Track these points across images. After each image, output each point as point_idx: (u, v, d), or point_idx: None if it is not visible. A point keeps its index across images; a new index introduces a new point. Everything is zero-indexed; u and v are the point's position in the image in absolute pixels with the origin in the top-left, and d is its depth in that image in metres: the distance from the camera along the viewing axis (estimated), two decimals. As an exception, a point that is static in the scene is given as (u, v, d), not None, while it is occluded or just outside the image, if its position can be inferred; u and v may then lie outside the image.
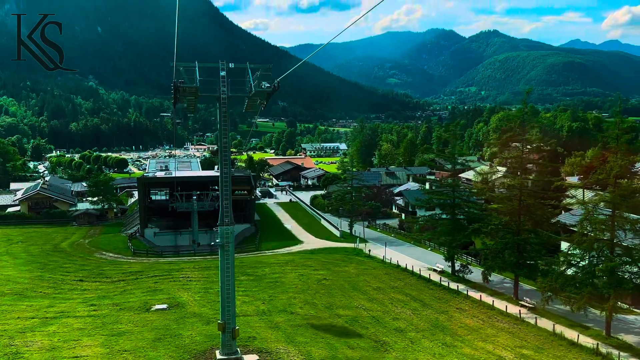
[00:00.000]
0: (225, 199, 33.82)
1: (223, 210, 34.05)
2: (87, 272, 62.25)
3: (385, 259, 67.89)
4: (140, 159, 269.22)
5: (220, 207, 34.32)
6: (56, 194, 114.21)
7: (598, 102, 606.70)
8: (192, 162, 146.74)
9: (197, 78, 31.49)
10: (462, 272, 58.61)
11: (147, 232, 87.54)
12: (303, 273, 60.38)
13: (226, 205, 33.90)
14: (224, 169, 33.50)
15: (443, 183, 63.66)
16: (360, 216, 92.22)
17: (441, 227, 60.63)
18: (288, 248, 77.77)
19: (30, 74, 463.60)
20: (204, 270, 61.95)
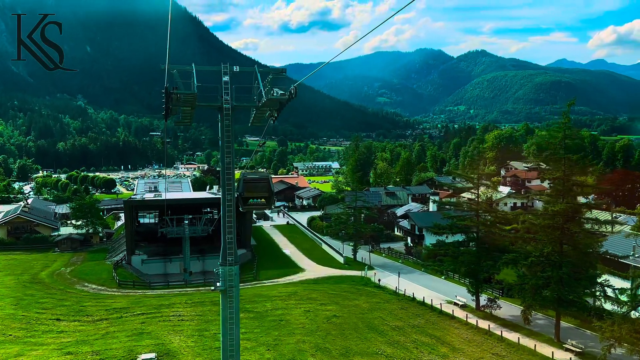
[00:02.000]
0: (227, 231, 27.33)
1: (225, 245, 27.52)
2: (65, 309, 55.17)
3: (398, 290, 61.42)
4: (128, 179, 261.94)
5: (222, 241, 27.79)
6: (38, 218, 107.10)
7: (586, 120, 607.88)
8: (183, 183, 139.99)
9: (194, 83, 25.10)
10: (489, 308, 52.19)
11: (134, 259, 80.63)
12: (309, 309, 53.71)
13: (229, 240, 27.37)
14: (226, 194, 27.07)
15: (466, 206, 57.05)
16: (362, 240, 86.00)
17: (464, 256, 54.22)
18: (289, 277, 71.21)
19: (18, 93, 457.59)
20: (198, 306, 55.09)
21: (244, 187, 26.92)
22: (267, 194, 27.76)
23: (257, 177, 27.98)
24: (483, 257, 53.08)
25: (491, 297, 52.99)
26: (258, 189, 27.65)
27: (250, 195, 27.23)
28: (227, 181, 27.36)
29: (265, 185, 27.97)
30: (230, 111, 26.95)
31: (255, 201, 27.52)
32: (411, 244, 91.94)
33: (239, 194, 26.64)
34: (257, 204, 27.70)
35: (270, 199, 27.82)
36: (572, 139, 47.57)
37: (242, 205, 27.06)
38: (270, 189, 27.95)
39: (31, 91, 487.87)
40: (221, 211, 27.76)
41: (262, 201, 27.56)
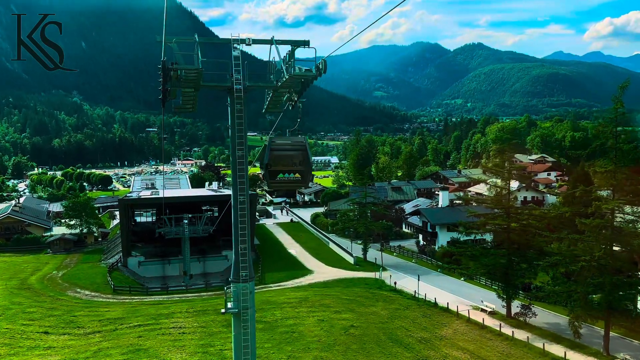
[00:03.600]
0: (241, 240, 22.43)
1: (238, 257, 22.61)
2: (55, 320, 50.07)
3: (417, 295, 56.52)
4: (125, 175, 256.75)
5: (235, 253, 22.91)
6: (29, 217, 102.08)
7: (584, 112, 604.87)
8: (181, 179, 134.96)
9: (198, 58, 19.97)
10: (523, 315, 47.29)
11: (130, 261, 75.72)
12: (323, 317, 48.76)
13: (243, 250, 22.47)
14: (239, 194, 22.14)
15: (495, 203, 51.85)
16: (371, 237, 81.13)
17: (492, 258, 49.25)
18: (297, 280, 66.32)
19: (13, 90, 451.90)
20: (200, 316, 50.07)
21: (271, 156, 20.76)
22: (303, 166, 20.95)
23: (289, 143, 21.37)
24: (516, 259, 48.19)
25: (525, 304, 48.05)
26: (290, 159, 21.02)
27: (279, 167, 20.85)
28: (240, 179, 22.36)
29: (301, 154, 21.06)
30: (243, 93, 21.94)
31: (287, 177, 20.94)
32: (424, 242, 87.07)
33: (265, 166, 20.66)
34: (288, 181, 21.07)
35: (308, 173, 21.14)
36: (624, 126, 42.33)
37: (268, 182, 21.30)
38: (307, 160, 21.17)
39: (26, 88, 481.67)
40: (232, 216, 22.87)
41: (296, 177, 20.92)
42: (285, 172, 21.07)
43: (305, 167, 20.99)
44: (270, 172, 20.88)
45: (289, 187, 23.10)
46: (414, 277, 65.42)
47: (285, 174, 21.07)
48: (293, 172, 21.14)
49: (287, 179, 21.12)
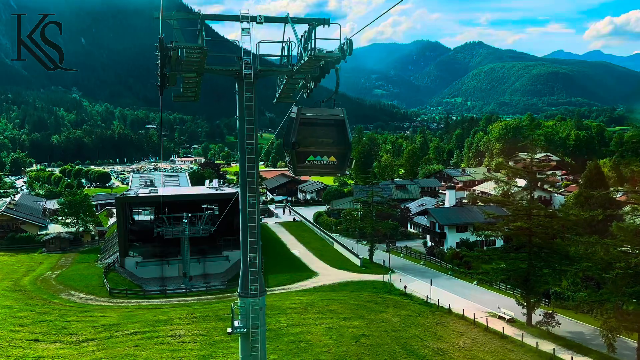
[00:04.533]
0: (250, 249, 19.51)
1: (247, 268, 19.69)
2: (46, 326, 47.03)
3: (429, 300, 53.61)
4: (124, 172, 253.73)
5: (243, 263, 20.02)
6: (24, 215, 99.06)
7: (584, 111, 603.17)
8: (181, 177, 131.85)
9: (202, 36, 16.88)
10: (545, 325, 44.34)
11: (127, 261, 72.79)
12: (332, 325, 45.80)
13: (253, 259, 19.57)
14: (248, 196, 19.22)
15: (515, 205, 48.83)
16: (376, 238, 78.18)
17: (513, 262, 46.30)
18: (302, 283, 63.40)
19: (12, 86, 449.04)
20: (200, 322, 47.08)
21: (300, 132, 16.23)
22: (340, 146, 16.36)
23: (322, 116, 16.72)
24: (538, 264, 45.27)
25: (548, 312, 45.05)
26: (325, 136, 16.46)
27: (310, 147, 16.24)
28: (249, 178, 19.43)
29: (339, 130, 16.57)
30: (253, 79, 18.94)
31: (319, 160, 16.23)
32: (432, 243, 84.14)
33: (292, 145, 16.16)
34: (321, 165, 16.36)
35: (346, 156, 16.57)
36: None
37: (294, 166, 16.60)
38: (346, 138, 16.59)
39: (25, 84, 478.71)
40: (240, 221, 19.94)
41: (331, 160, 16.25)
42: (317, 154, 16.54)
43: (343, 148, 16.61)
44: (297, 153, 16.39)
45: (321, 172, 17.13)
46: (423, 280, 62.87)
47: (317, 156, 16.53)
48: (327, 154, 16.57)
49: (319, 162, 16.57)
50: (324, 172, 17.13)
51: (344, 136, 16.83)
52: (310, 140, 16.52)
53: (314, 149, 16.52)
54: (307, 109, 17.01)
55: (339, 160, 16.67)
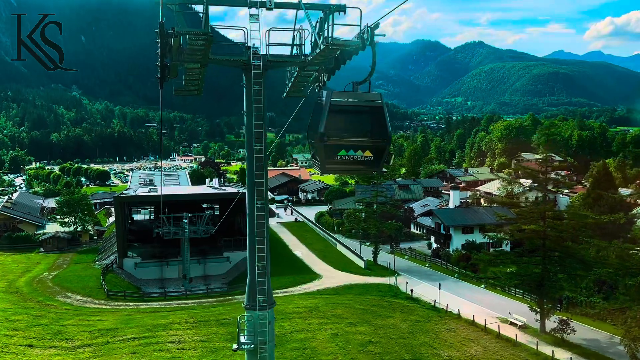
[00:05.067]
0: (259, 256, 17.85)
1: (254, 277, 18.03)
2: (41, 330, 45.34)
3: (437, 305, 51.93)
4: (123, 170, 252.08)
5: (250, 272, 18.41)
6: (21, 214, 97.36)
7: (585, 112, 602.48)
8: (180, 176, 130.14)
9: (206, 20, 15.13)
10: (560, 332, 42.62)
11: (126, 262, 71.16)
12: (337, 331, 44.12)
13: (261, 268, 17.91)
14: (256, 200, 17.58)
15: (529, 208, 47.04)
16: (380, 239, 76.46)
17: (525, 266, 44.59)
18: (305, 286, 61.69)
19: (12, 84, 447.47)
20: (201, 327, 45.36)
21: (330, 120, 13.60)
22: (379, 138, 13.89)
23: (357, 102, 14.20)
24: (553, 269, 43.59)
25: (563, 318, 43.32)
26: (359, 126, 14.09)
27: (341, 141, 13.63)
28: (258, 179, 17.73)
29: (376, 118, 14.10)
30: (262, 69, 17.24)
31: (352, 155, 13.66)
32: (437, 245, 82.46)
33: (320, 136, 13.48)
34: (354, 161, 13.79)
35: (385, 149, 14.01)
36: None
37: (322, 162, 13.95)
38: (385, 128, 13.99)
39: (25, 82, 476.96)
40: (248, 227, 18.28)
41: (367, 155, 13.73)
42: (350, 148, 13.87)
43: (381, 140, 13.97)
44: (326, 146, 13.69)
45: (353, 170, 14.47)
46: (429, 283, 61.29)
47: (350, 150, 13.87)
48: (362, 148, 13.93)
49: (351, 158, 13.85)
50: (356, 169, 14.51)
51: (383, 126, 14.26)
52: (342, 131, 13.97)
53: (346, 141, 13.94)
54: (338, 93, 14.45)
55: (376, 155, 14.16)
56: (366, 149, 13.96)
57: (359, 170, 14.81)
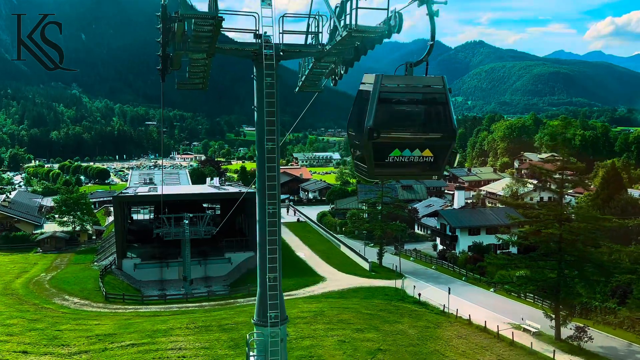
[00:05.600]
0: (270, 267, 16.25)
1: (265, 289, 16.42)
2: (36, 336, 43.61)
3: (446, 310, 50.23)
4: (123, 169, 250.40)
5: (260, 284, 16.80)
6: (19, 213, 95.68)
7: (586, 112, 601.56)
8: (181, 174, 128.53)
9: (215, 3, 13.39)
10: (577, 340, 40.92)
11: (125, 263, 69.59)
12: (344, 337, 42.41)
13: (273, 280, 16.30)
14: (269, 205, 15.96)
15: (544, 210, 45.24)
16: (385, 240, 74.79)
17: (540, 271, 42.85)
18: (309, 289, 60.02)
19: (12, 81, 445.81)
20: (203, 333, 43.62)
21: (379, 111, 10.98)
22: (443, 133, 11.30)
23: (412, 89, 11.70)
24: (570, 274, 41.89)
25: (579, 325, 41.61)
26: (417, 119, 11.50)
27: (394, 137, 10.98)
28: (270, 182, 16.05)
29: (439, 108, 11.62)
30: (275, 60, 15.56)
31: (407, 155, 10.93)
32: (442, 246, 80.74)
33: (368, 132, 10.81)
34: (409, 163, 11.05)
35: (449, 147, 11.38)
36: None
37: (369, 166, 11.14)
38: (450, 121, 11.36)
39: (25, 79, 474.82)
40: (258, 233, 16.64)
41: (426, 156, 11.05)
42: (405, 146, 11.05)
43: (445, 136, 11.33)
44: (375, 145, 10.92)
45: (409, 175, 11.92)
46: (436, 286, 59.85)
47: (406, 149, 11.06)
48: (420, 146, 11.10)
49: (407, 159, 11.01)
50: (412, 173, 11.65)
51: (446, 117, 11.49)
52: (395, 126, 11.21)
53: (401, 138, 11.16)
54: (389, 78, 11.69)
55: (437, 155, 11.33)
56: (425, 148, 11.24)
57: (416, 175, 12.15)
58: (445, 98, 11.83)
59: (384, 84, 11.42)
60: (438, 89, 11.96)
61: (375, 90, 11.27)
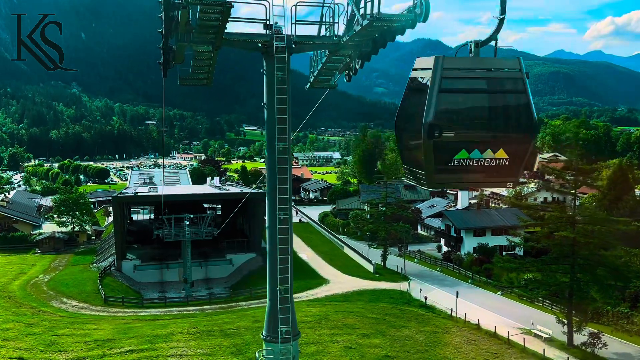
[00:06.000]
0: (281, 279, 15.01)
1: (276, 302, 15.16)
2: (33, 340, 42.35)
3: (454, 314, 48.96)
4: (123, 168, 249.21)
5: (270, 297, 15.53)
6: (17, 214, 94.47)
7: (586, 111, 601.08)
8: (181, 174, 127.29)
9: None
10: (591, 346, 39.64)
11: (124, 265, 68.37)
12: (350, 343, 41.13)
13: (284, 292, 15.05)
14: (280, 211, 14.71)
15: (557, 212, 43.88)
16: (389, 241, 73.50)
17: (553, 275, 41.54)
18: (312, 291, 58.74)
19: (12, 80, 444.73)
20: (204, 338, 42.32)
21: (441, 103, 9.11)
22: (521, 130, 9.65)
23: (481, 74, 9.71)
24: (585, 279, 40.61)
25: (593, 331, 40.31)
26: (487, 109, 9.56)
27: (461, 135, 9.26)
28: (281, 186, 14.79)
29: (514, 97, 9.84)
30: (287, 52, 14.28)
31: (476, 158, 9.10)
32: (447, 248, 79.49)
33: (427, 129, 8.99)
34: (479, 168, 9.24)
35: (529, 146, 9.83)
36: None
37: (430, 169, 9.38)
38: (530, 114, 9.80)
39: (25, 78, 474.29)
40: (268, 242, 15.39)
41: (500, 157, 9.18)
42: (473, 146, 9.18)
43: (524, 133, 9.66)
44: (437, 145, 9.15)
45: (477, 182, 10.24)
46: (442, 288, 58.67)
47: (474, 149, 9.19)
48: (492, 145, 9.22)
49: (476, 162, 9.14)
50: (482, 180, 9.73)
51: (525, 110, 9.76)
52: (461, 121, 9.37)
53: (468, 136, 9.27)
54: (452, 60, 9.65)
55: (514, 157, 9.43)
56: (499, 147, 9.34)
57: (486, 182, 10.16)
58: (523, 85, 10.03)
59: (447, 67, 9.47)
60: (514, 74, 10.11)
61: (435, 76, 9.31)
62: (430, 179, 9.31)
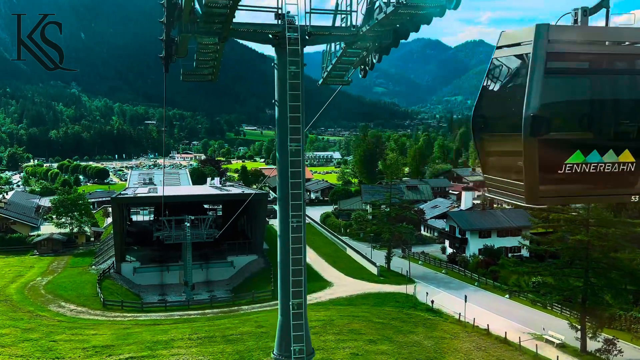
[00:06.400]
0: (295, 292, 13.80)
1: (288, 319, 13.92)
2: (30, 347, 41.06)
3: (462, 319, 47.70)
4: (122, 168, 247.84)
5: (281, 313, 14.29)
6: (15, 215, 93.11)
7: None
8: (181, 174, 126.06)
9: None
10: (606, 353, 38.36)
11: (124, 267, 67.11)
12: (357, 350, 39.82)
13: (297, 307, 13.79)
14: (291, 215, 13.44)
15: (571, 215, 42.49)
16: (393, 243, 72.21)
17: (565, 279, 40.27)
18: (316, 295, 57.30)
19: (11, 80, 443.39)
20: (206, 344, 41.02)
21: (547, 89, 6.70)
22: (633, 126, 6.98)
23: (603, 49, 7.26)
24: (599, 283, 39.32)
25: (609, 337, 38.98)
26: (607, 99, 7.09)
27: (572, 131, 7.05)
28: (294, 190, 13.52)
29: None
30: (300, 43, 13.01)
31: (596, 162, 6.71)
32: (452, 250, 78.21)
33: (529, 122, 6.55)
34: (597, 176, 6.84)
35: None
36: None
37: (527, 182, 6.92)
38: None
39: (24, 78, 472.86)
40: (279, 253, 14.15)
41: (624, 161, 6.86)
42: (591, 147, 6.89)
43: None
44: (542, 145, 6.78)
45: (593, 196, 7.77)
46: (448, 291, 57.44)
47: (592, 151, 6.89)
48: (615, 147, 6.96)
49: (591, 169, 6.89)
50: (600, 192, 7.35)
51: None
52: (574, 113, 7.20)
53: (584, 134, 7.06)
54: (562, 31, 7.16)
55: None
56: (623, 148, 7.06)
57: (605, 195, 7.59)
58: None
59: (554, 38, 6.98)
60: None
61: (538, 53, 6.87)
62: (532, 192, 6.95)
